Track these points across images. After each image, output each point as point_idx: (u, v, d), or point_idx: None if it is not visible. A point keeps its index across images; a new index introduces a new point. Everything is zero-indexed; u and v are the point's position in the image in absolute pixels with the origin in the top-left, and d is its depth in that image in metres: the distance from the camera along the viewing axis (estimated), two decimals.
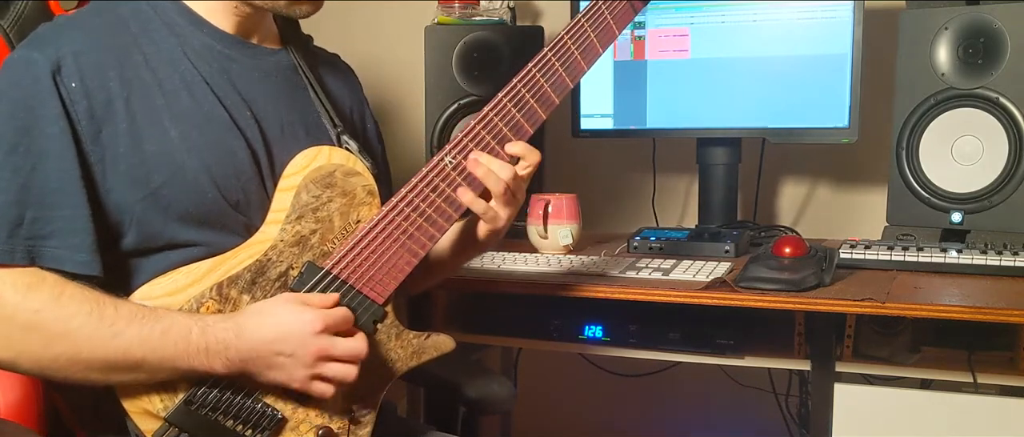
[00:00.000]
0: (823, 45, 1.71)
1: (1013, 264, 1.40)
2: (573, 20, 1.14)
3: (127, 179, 1.01)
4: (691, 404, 2.16)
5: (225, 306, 1.03)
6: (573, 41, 1.13)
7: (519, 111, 1.12)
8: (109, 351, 0.96)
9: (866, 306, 1.26)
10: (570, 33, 1.13)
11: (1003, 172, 1.56)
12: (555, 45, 1.13)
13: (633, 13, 1.18)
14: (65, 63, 0.99)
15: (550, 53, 1.13)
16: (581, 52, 1.14)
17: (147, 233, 1.03)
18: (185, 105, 1.06)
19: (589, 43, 1.14)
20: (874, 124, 1.78)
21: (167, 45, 1.07)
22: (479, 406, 1.39)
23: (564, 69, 1.13)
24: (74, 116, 0.99)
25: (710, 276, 1.42)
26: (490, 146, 1.11)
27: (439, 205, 1.10)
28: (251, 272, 1.05)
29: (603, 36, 1.15)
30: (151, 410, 1.01)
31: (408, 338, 1.14)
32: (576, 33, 1.13)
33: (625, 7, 1.16)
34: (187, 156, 1.04)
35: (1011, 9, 1.54)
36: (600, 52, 1.15)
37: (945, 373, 1.41)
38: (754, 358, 1.52)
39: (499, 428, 2.19)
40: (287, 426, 1.07)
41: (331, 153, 1.11)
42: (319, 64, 1.25)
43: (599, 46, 1.15)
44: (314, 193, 1.09)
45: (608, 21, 1.15)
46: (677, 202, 2.12)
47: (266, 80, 1.14)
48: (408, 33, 2.09)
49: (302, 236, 1.08)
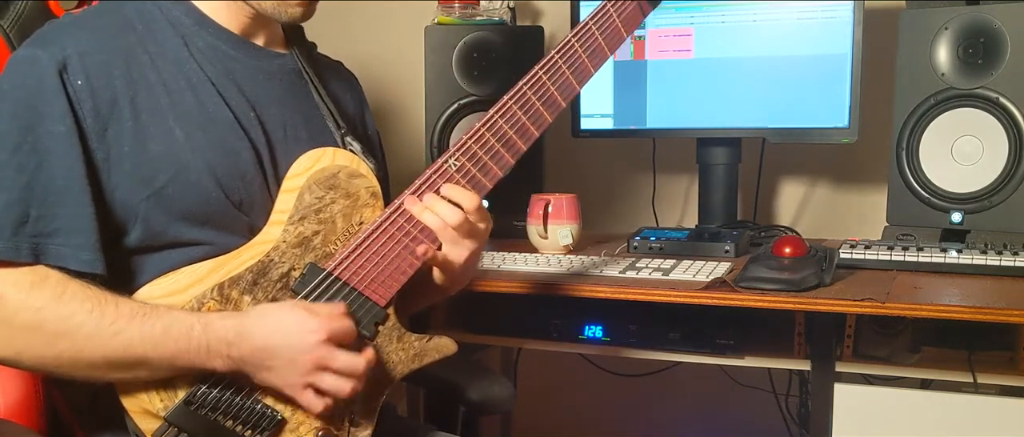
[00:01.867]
0: (823, 45, 1.71)
1: (1013, 264, 1.40)
2: (581, 23, 1.12)
3: (131, 178, 1.02)
4: (691, 404, 2.16)
5: (226, 306, 1.03)
6: (580, 44, 1.12)
7: (525, 114, 1.11)
8: (110, 349, 0.96)
9: (866, 306, 1.26)
10: (577, 36, 1.12)
11: (1003, 172, 1.56)
12: (562, 48, 1.11)
13: (642, 16, 1.15)
14: (71, 62, 1.00)
15: (557, 55, 1.11)
16: (588, 55, 1.12)
17: (151, 232, 1.03)
18: (190, 105, 1.06)
19: (596, 46, 1.12)
20: (874, 124, 1.78)
21: (172, 45, 1.07)
22: (479, 406, 1.39)
23: (571, 72, 1.12)
24: (80, 114, 0.99)
25: (710, 276, 1.42)
26: (494, 149, 1.11)
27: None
28: (253, 273, 1.05)
29: (611, 39, 1.13)
30: (151, 409, 1.01)
31: (410, 340, 1.13)
32: (583, 36, 1.12)
33: (634, 9, 1.14)
34: (191, 156, 1.04)
35: (1011, 9, 1.54)
36: (608, 55, 1.13)
37: (945, 373, 1.41)
38: (754, 358, 1.52)
39: (499, 428, 2.19)
40: (286, 427, 1.06)
41: (335, 155, 1.11)
42: (323, 69, 1.25)
43: (607, 49, 1.13)
44: (317, 194, 1.09)
45: (616, 24, 1.13)
46: (677, 202, 2.11)
47: (270, 81, 1.14)
48: (408, 33, 2.09)
49: (305, 237, 1.08)
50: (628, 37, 1.15)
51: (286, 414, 1.06)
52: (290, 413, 1.06)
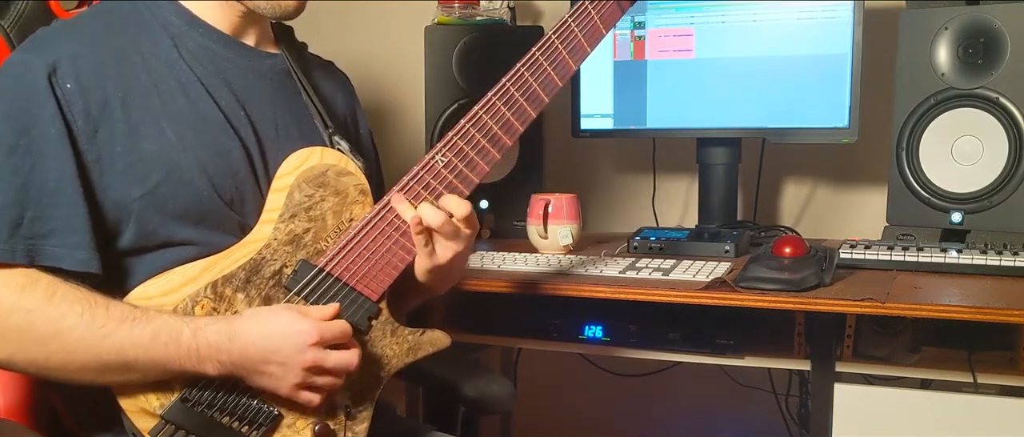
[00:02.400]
0: (823, 45, 1.71)
1: (1013, 264, 1.40)
2: (561, 20, 1.15)
3: (124, 178, 1.02)
4: (691, 404, 2.16)
5: (220, 304, 1.04)
6: (561, 40, 1.14)
7: (509, 109, 1.13)
8: (101, 352, 0.97)
9: (866, 306, 1.26)
10: (557, 32, 1.14)
11: (1003, 172, 1.56)
12: (543, 44, 1.14)
13: (620, 13, 1.19)
14: (61, 66, 1.01)
15: (538, 52, 1.14)
16: (569, 51, 1.15)
17: (144, 232, 1.04)
18: (181, 106, 1.07)
19: (576, 42, 1.15)
20: (874, 124, 1.78)
21: (163, 46, 1.08)
22: (479, 406, 1.39)
23: (552, 68, 1.14)
24: (70, 117, 1.00)
25: (710, 276, 1.42)
26: (480, 144, 1.12)
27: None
28: (246, 271, 1.06)
29: (590, 35, 1.16)
30: (148, 408, 1.02)
31: (403, 335, 1.14)
32: (563, 33, 1.15)
33: (612, 7, 1.17)
34: (183, 155, 1.05)
35: (1011, 9, 1.54)
36: (588, 51, 1.17)
37: (945, 373, 1.41)
38: (754, 358, 1.52)
39: (499, 428, 2.19)
40: (283, 423, 1.07)
41: (323, 153, 1.12)
42: (313, 69, 1.26)
43: (587, 45, 1.16)
44: (307, 192, 1.10)
45: (595, 21, 1.16)
46: (677, 202, 2.11)
47: (260, 81, 1.15)
48: (408, 33, 2.09)
49: (296, 235, 1.09)
50: (607, 33, 1.18)
51: (283, 410, 1.07)
52: (287, 409, 1.07)
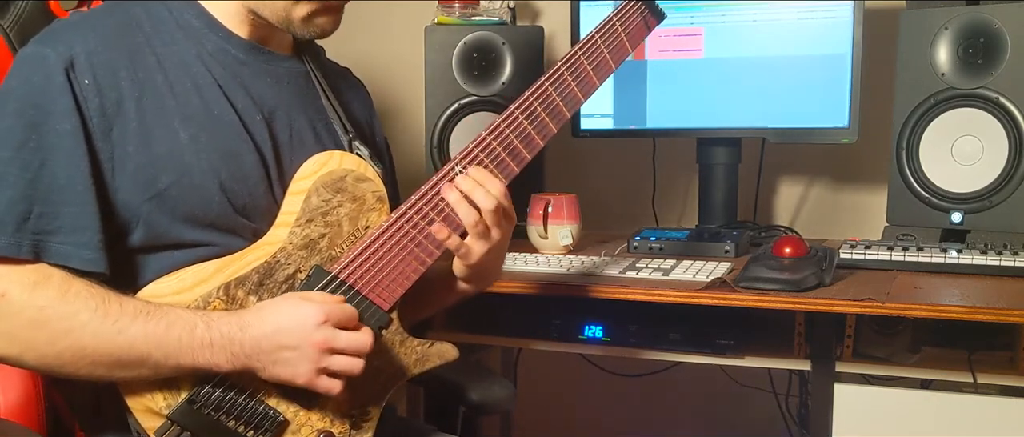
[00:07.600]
0: (823, 45, 1.72)
1: (1013, 264, 1.40)
2: (588, 36, 1.14)
3: (135, 179, 1.01)
4: (691, 404, 2.17)
5: (231, 306, 1.04)
6: (587, 57, 1.14)
7: (531, 124, 1.13)
8: (114, 347, 0.96)
9: (866, 306, 1.26)
10: (584, 49, 1.14)
11: (1003, 172, 1.56)
12: (569, 61, 1.13)
13: (647, 31, 1.18)
14: (78, 60, 0.99)
15: (564, 68, 1.13)
16: (594, 68, 1.15)
17: (153, 233, 1.03)
18: (195, 108, 1.06)
19: (602, 59, 1.15)
20: (874, 124, 1.78)
21: (180, 47, 1.07)
22: (479, 406, 1.39)
23: (577, 84, 1.14)
24: (86, 113, 0.99)
25: (710, 276, 1.42)
26: (499, 157, 1.12)
27: (448, 214, 1.10)
28: (259, 273, 1.05)
29: (616, 53, 1.16)
30: (154, 408, 1.01)
31: (412, 345, 1.13)
32: (590, 49, 1.14)
33: (639, 25, 1.17)
34: (195, 159, 1.04)
35: (1011, 9, 1.54)
36: (613, 69, 1.16)
37: (945, 373, 1.41)
38: (754, 358, 1.52)
39: (499, 428, 2.19)
40: (288, 428, 1.06)
41: (342, 158, 1.11)
42: (331, 75, 1.25)
43: (612, 63, 1.16)
44: (324, 197, 1.09)
45: (622, 39, 1.16)
46: (677, 202, 2.12)
47: (278, 85, 1.14)
48: (408, 33, 2.09)
49: (311, 239, 1.08)
50: (632, 52, 1.18)
51: (288, 415, 1.06)
52: (292, 414, 1.06)
